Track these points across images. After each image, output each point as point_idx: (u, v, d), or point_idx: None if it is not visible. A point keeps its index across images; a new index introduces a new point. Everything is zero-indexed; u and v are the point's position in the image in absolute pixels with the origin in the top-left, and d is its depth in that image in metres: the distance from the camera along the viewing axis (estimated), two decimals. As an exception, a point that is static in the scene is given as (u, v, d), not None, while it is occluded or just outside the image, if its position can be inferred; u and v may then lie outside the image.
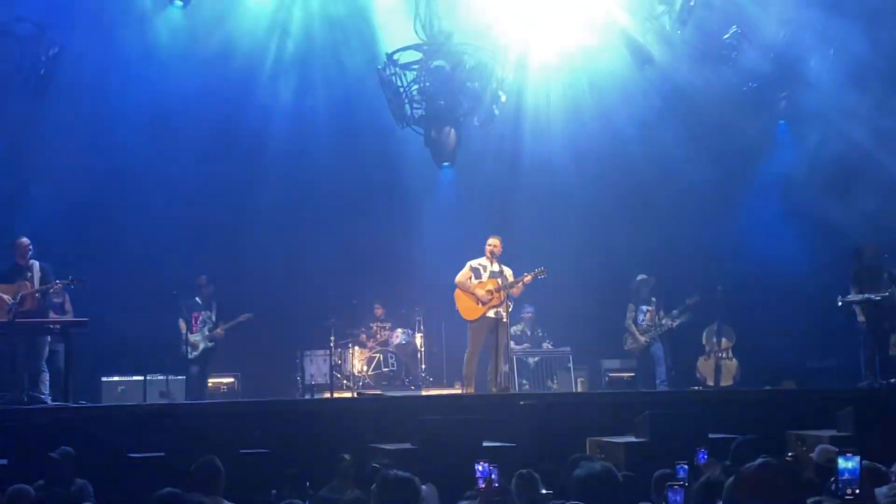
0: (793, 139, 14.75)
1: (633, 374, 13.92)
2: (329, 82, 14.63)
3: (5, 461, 7.84)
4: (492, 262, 11.33)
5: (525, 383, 13.57)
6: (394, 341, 14.16)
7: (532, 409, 9.82)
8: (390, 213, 15.05)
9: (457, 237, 13.42)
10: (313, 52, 14.62)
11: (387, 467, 6.00)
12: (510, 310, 11.42)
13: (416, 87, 13.54)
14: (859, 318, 11.78)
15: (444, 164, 14.57)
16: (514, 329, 13.25)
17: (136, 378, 12.37)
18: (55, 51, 12.41)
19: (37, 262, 10.56)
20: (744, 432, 7.09)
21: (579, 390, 13.54)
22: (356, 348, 13.89)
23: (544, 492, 5.58)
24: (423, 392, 13.29)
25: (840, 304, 11.79)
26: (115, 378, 12.59)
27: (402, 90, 13.56)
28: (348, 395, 12.99)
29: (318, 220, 14.66)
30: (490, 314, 11.23)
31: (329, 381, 12.79)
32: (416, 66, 13.49)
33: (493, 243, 11.37)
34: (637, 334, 13.60)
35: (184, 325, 12.80)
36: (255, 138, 14.46)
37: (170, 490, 5.38)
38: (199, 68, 13.77)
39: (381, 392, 12.46)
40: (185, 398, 12.30)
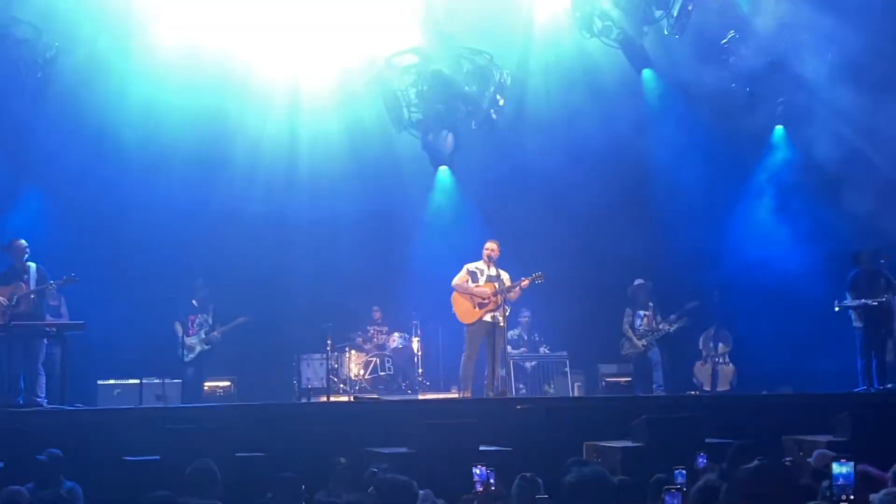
0: (790, 143, 14.75)
1: (629, 379, 13.89)
2: (327, 85, 14.61)
3: (1, 464, 7.83)
4: (489, 266, 11.32)
5: (522, 388, 13.56)
6: (391, 345, 14.15)
7: (529, 413, 9.80)
8: (388, 217, 15.03)
9: (454, 241, 13.42)
10: (312, 54, 14.61)
11: (384, 471, 6.00)
12: (507, 314, 11.41)
13: (413, 90, 13.53)
14: (856, 322, 11.78)
15: (442, 167, 14.56)
16: (511, 333, 13.24)
17: (132, 381, 12.35)
18: (53, 53, 12.39)
19: (33, 264, 10.53)
20: (741, 437, 7.08)
21: (576, 395, 13.53)
22: (353, 352, 13.89)
23: (541, 496, 5.57)
24: (420, 396, 13.29)
25: (837, 309, 11.80)
26: (111, 381, 12.55)
27: (399, 94, 13.55)
28: (345, 399, 12.98)
29: (315, 223, 14.62)
30: (487, 318, 11.23)
31: (326, 385, 12.77)
32: (414, 70, 13.49)
33: (490, 247, 11.37)
34: (634, 339, 13.59)
35: (180, 328, 12.79)
36: (252, 140, 14.43)
37: (163, 493, 5.36)
38: (196, 69, 13.76)
39: (377, 396, 12.43)
40: (181, 401, 12.28)
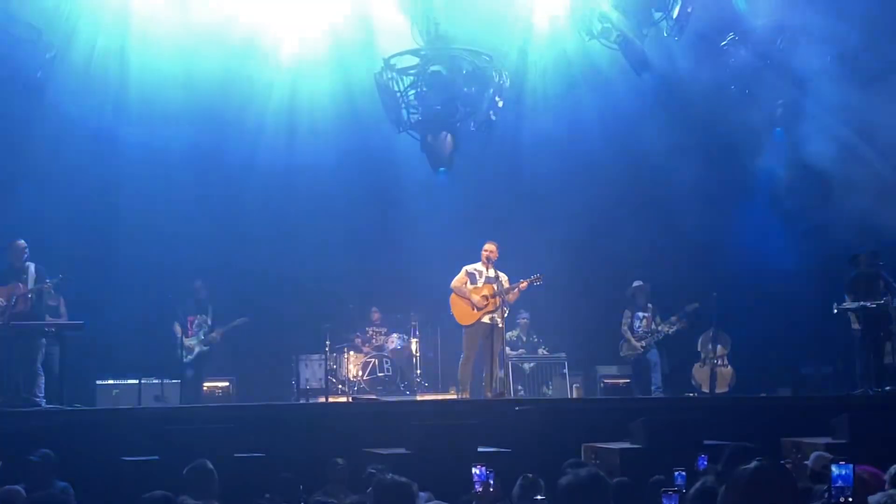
0: (789, 146, 14.75)
1: (628, 381, 13.90)
2: (326, 86, 14.61)
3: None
4: (487, 267, 11.32)
5: (520, 389, 13.55)
6: (389, 346, 14.15)
7: (527, 414, 9.79)
8: (386, 218, 15.05)
9: (453, 242, 13.41)
10: (311, 56, 14.61)
11: (382, 472, 5.99)
12: (506, 315, 11.41)
13: (412, 91, 13.51)
14: (855, 325, 11.78)
15: (441, 169, 14.54)
16: (509, 335, 13.25)
17: (130, 381, 12.33)
18: (52, 54, 12.38)
19: (32, 265, 10.52)
20: (739, 439, 7.06)
21: (574, 396, 13.53)
22: (351, 353, 13.89)
23: (539, 497, 5.57)
24: (419, 397, 13.28)
25: (835, 311, 11.78)
26: (110, 381, 12.55)
27: (398, 95, 13.53)
28: (343, 399, 12.98)
29: (314, 224, 14.62)
30: (485, 320, 11.23)
31: (324, 386, 12.77)
32: (413, 71, 13.47)
33: (489, 249, 11.37)
34: (633, 341, 13.59)
35: (179, 329, 12.77)
36: (251, 141, 14.43)
37: (162, 493, 5.36)
38: (196, 69, 13.75)
39: (376, 397, 12.43)
40: (180, 402, 12.26)
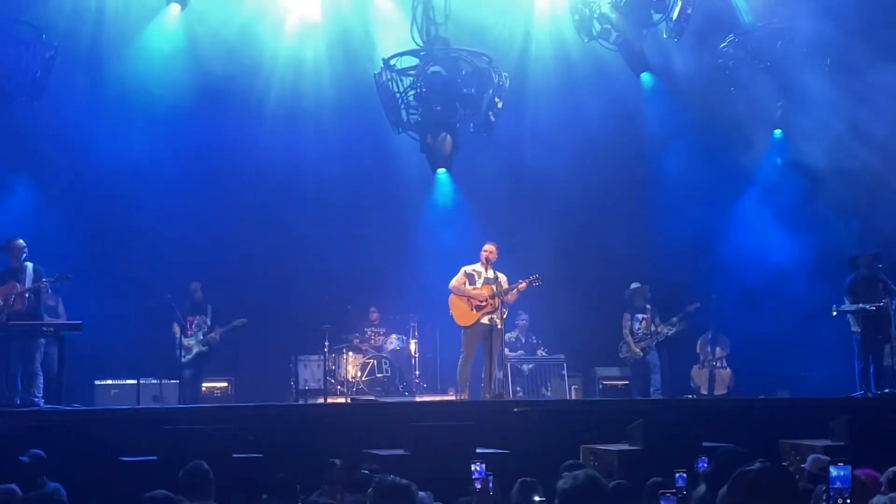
0: (788, 147, 14.75)
1: (627, 382, 13.90)
2: (325, 87, 14.60)
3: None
4: (486, 268, 11.31)
5: (519, 390, 13.54)
6: (388, 347, 14.15)
7: (526, 416, 9.78)
8: (386, 219, 15.04)
9: (452, 243, 13.42)
10: (309, 57, 14.61)
11: (375, 472, 5.97)
12: (505, 316, 11.40)
13: (412, 92, 13.51)
14: (854, 327, 11.77)
15: (440, 169, 14.54)
16: (508, 336, 13.24)
17: (129, 381, 12.34)
18: (52, 54, 12.38)
19: (31, 264, 10.50)
20: (738, 441, 7.05)
21: (573, 398, 13.52)
22: (350, 354, 13.88)
23: (537, 499, 5.57)
24: (417, 398, 13.29)
25: (835, 313, 11.80)
26: (109, 381, 12.56)
27: (398, 96, 13.53)
28: (342, 400, 12.97)
29: (313, 225, 14.62)
30: (484, 320, 11.22)
31: (323, 387, 12.77)
32: (412, 72, 13.47)
33: (488, 249, 11.35)
34: (632, 344, 13.58)
35: (178, 329, 12.76)
36: (250, 142, 14.43)
37: (163, 493, 5.35)
38: (195, 71, 13.75)
39: (374, 398, 12.42)
40: (179, 402, 12.26)
